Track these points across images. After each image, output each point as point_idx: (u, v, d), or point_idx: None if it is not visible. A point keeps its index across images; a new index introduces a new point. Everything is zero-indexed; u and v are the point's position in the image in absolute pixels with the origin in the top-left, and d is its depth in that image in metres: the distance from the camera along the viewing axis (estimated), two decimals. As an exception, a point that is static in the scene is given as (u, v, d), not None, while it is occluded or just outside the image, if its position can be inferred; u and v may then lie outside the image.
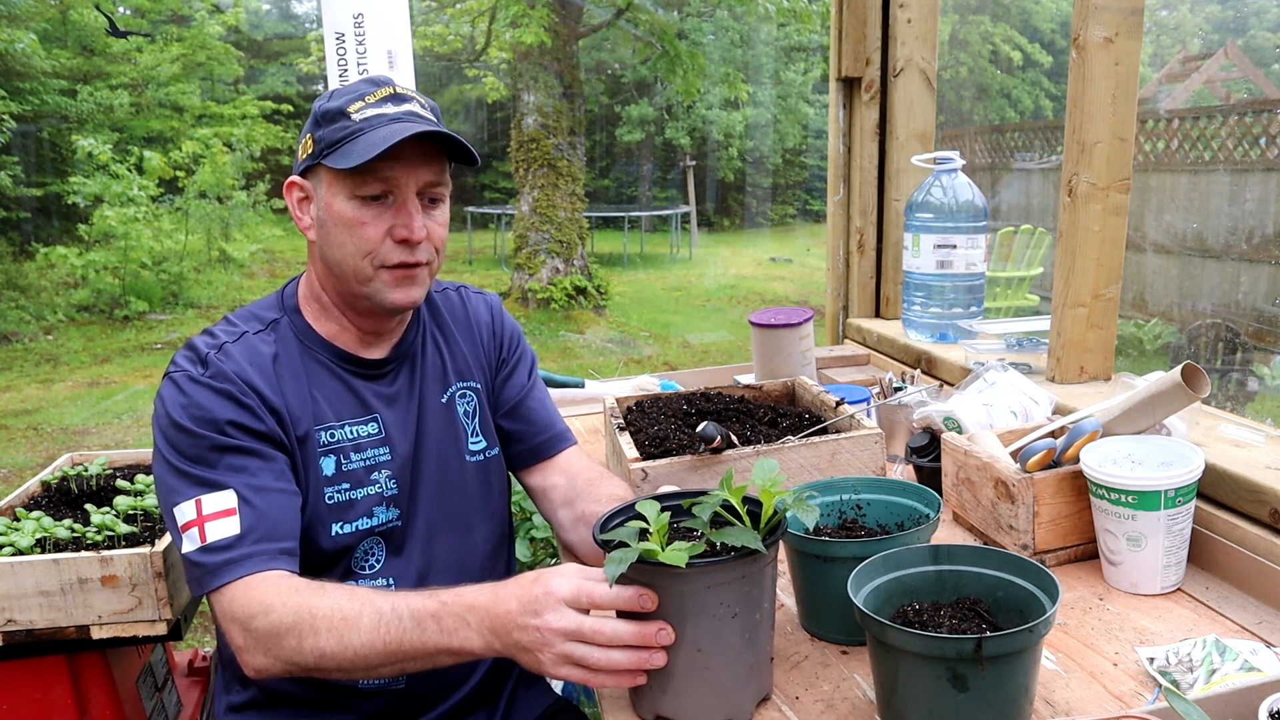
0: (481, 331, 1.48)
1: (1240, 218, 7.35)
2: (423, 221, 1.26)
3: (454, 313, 1.48)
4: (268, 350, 1.28)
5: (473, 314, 1.49)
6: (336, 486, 1.29)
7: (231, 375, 1.23)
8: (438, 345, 1.44)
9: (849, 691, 1.09)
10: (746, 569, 0.99)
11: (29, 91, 10.67)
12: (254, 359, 1.27)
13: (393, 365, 1.38)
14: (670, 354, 8.33)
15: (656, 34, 11.64)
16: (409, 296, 1.28)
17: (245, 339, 1.28)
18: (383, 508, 1.32)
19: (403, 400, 1.37)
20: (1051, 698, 1.05)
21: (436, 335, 1.44)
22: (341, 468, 1.30)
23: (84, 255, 9.36)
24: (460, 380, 1.43)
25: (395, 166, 1.22)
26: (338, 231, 1.25)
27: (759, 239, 16.63)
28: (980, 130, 14.53)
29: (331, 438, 1.30)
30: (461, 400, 1.43)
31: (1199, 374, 1.33)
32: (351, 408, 1.33)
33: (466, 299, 1.51)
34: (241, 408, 1.22)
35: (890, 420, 1.81)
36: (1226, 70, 10.59)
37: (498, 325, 1.50)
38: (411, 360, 1.40)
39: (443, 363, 1.43)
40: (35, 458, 5.75)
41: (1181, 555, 1.28)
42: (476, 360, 1.46)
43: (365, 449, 1.32)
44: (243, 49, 13.81)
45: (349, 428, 1.32)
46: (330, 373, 1.33)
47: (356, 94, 1.26)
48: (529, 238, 10.10)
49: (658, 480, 1.46)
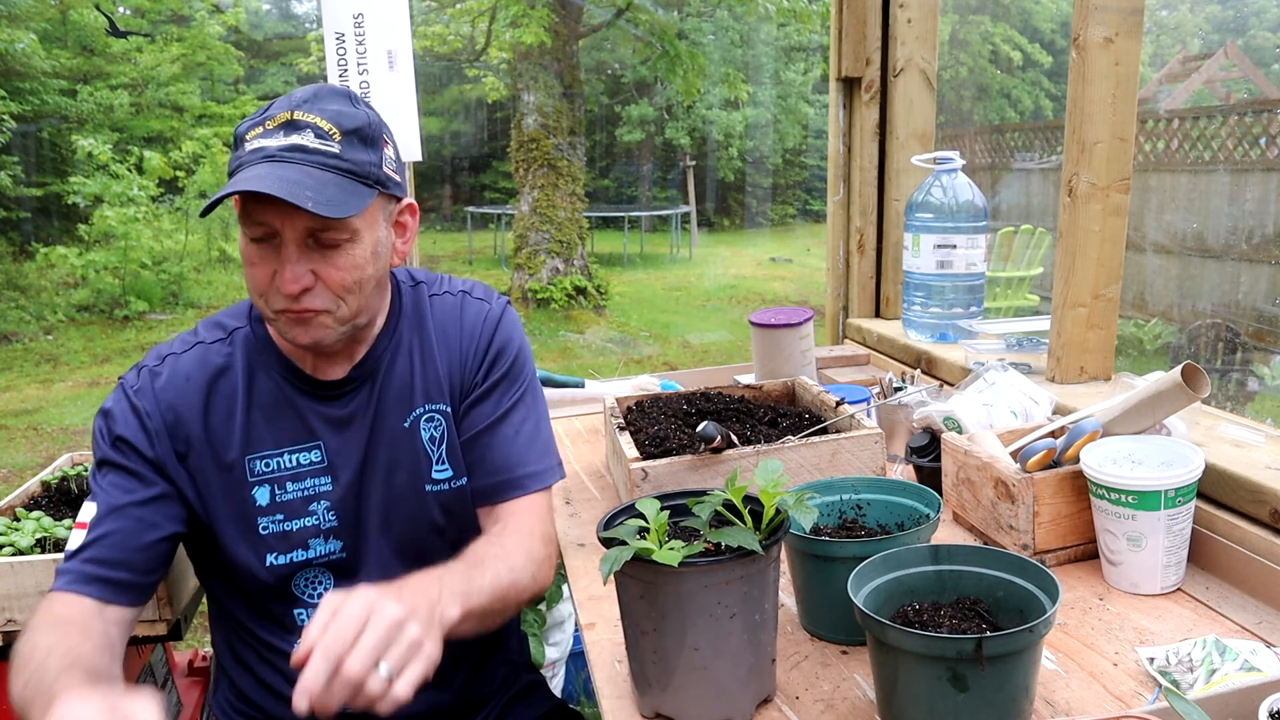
0: (468, 345, 1.34)
1: (1240, 218, 7.35)
2: (300, 273, 1.15)
3: (443, 321, 1.36)
4: (215, 362, 1.25)
5: (466, 324, 1.36)
6: (271, 517, 1.25)
7: (152, 395, 1.22)
8: (411, 360, 1.32)
9: (849, 691, 1.09)
10: (745, 569, 0.99)
11: (29, 91, 10.68)
12: (191, 377, 1.24)
13: (351, 386, 1.29)
14: (670, 354, 8.33)
15: (656, 34, 11.64)
16: (310, 337, 1.19)
17: (196, 351, 1.26)
18: (321, 540, 1.27)
19: (355, 424, 1.28)
20: (1051, 698, 1.05)
21: (413, 348, 1.33)
22: (276, 498, 1.25)
23: (84, 255, 9.37)
24: (429, 402, 1.32)
25: (267, 211, 1.13)
26: (243, 265, 1.21)
27: (759, 239, 16.63)
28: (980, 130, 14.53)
29: (266, 467, 1.25)
30: (427, 425, 1.31)
31: (1199, 374, 1.33)
32: (293, 433, 1.26)
33: (465, 306, 1.37)
34: (141, 429, 1.21)
35: (890, 420, 1.81)
36: (1226, 70, 10.59)
37: (484, 341, 1.35)
38: (374, 379, 1.30)
39: (412, 381, 1.31)
40: (35, 458, 5.75)
41: (1181, 555, 1.28)
42: (452, 378, 1.33)
43: (303, 478, 1.26)
44: (243, 49, 13.81)
45: (287, 455, 1.26)
46: (278, 391, 1.26)
47: (259, 118, 1.18)
48: (529, 238, 10.10)
49: (658, 480, 1.46)
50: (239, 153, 1.16)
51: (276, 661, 1.31)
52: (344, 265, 1.18)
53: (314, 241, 1.16)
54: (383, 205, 1.22)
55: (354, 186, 1.15)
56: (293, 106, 1.16)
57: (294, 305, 1.16)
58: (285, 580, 1.27)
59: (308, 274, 1.16)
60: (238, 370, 1.26)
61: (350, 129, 1.17)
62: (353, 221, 1.17)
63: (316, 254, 1.16)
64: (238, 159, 1.15)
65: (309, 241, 1.15)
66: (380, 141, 1.21)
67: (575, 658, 2.58)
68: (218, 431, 1.24)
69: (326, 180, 1.13)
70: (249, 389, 1.25)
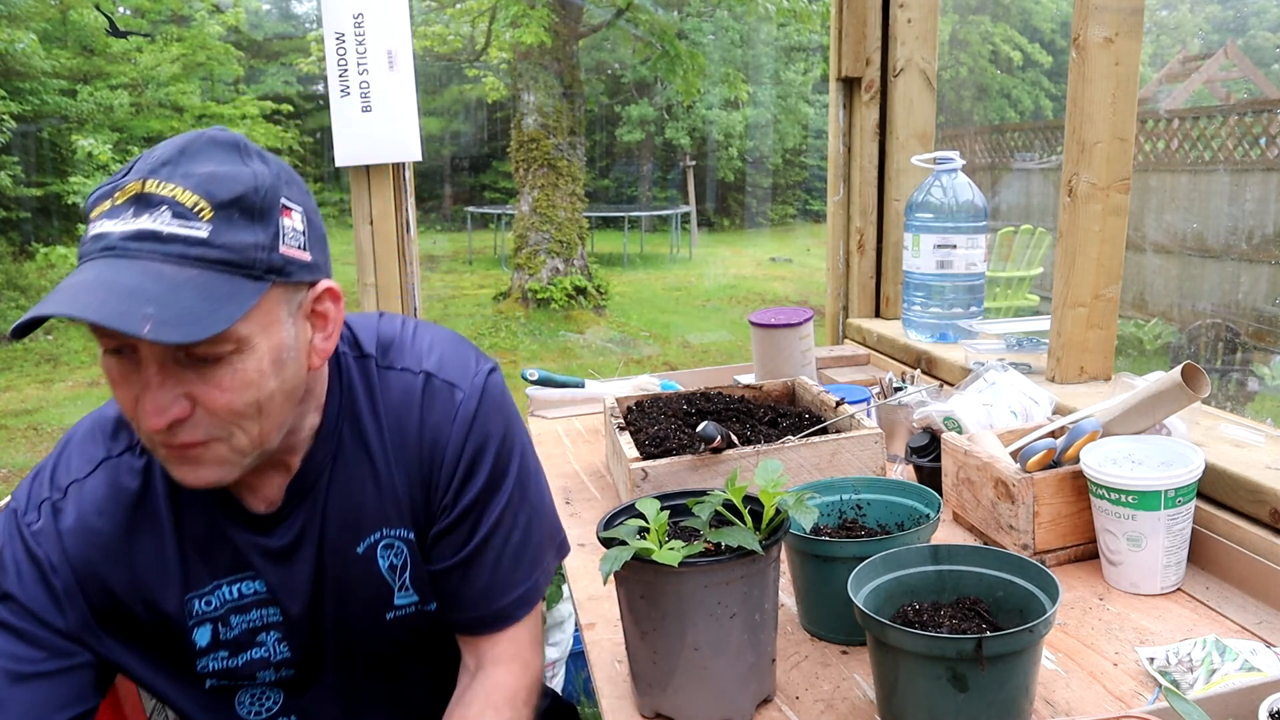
0: (433, 456, 1.06)
1: (1240, 218, 7.35)
2: (169, 397, 0.88)
3: (400, 416, 1.07)
4: (129, 488, 1.01)
5: (430, 426, 1.06)
6: (212, 655, 1.06)
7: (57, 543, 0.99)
8: (360, 471, 1.06)
9: (849, 691, 1.09)
10: (745, 569, 0.99)
11: (29, 91, 10.67)
12: (104, 511, 1.00)
13: (287, 511, 1.04)
14: (670, 354, 8.33)
15: (656, 34, 11.64)
16: (201, 479, 0.93)
17: (103, 473, 1.01)
18: (270, 671, 1.09)
19: (299, 555, 1.05)
20: (1051, 698, 1.05)
21: (363, 453, 1.06)
22: (219, 635, 1.05)
23: (84, 255, 9.36)
24: (386, 526, 1.07)
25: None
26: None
27: (759, 239, 16.63)
28: (980, 130, 14.54)
29: (207, 605, 1.04)
30: (385, 552, 1.08)
31: (1199, 374, 1.33)
32: (228, 562, 1.04)
33: (429, 397, 1.07)
34: (46, 591, 0.98)
35: (890, 420, 1.81)
36: (1226, 70, 10.59)
37: (456, 448, 1.06)
38: (314, 498, 1.05)
39: (363, 501, 1.06)
40: (35, 458, 5.75)
41: (1181, 555, 1.28)
42: (414, 498, 1.07)
43: (248, 609, 1.06)
44: (243, 49, 13.80)
45: (227, 588, 1.04)
46: (206, 513, 1.03)
47: (110, 186, 0.89)
48: (529, 238, 10.10)
49: (658, 480, 1.46)
50: (83, 238, 0.89)
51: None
52: (229, 385, 0.90)
53: (185, 356, 0.88)
54: (285, 297, 0.93)
55: (230, 284, 0.87)
56: (147, 172, 0.88)
57: (169, 439, 0.90)
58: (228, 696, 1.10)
59: (179, 401, 0.88)
60: (159, 495, 1.02)
61: (227, 199, 0.88)
62: (236, 329, 0.88)
63: (190, 372, 0.89)
64: (81, 247, 0.89)
65: (177, 357, 0.88)
66: (274, 210, 0.91)
67: (575, 658, 2.58)
68: (146, 576, 1.01)
69: (184, 282, 0.84)
70: (175, 517, 1.02)
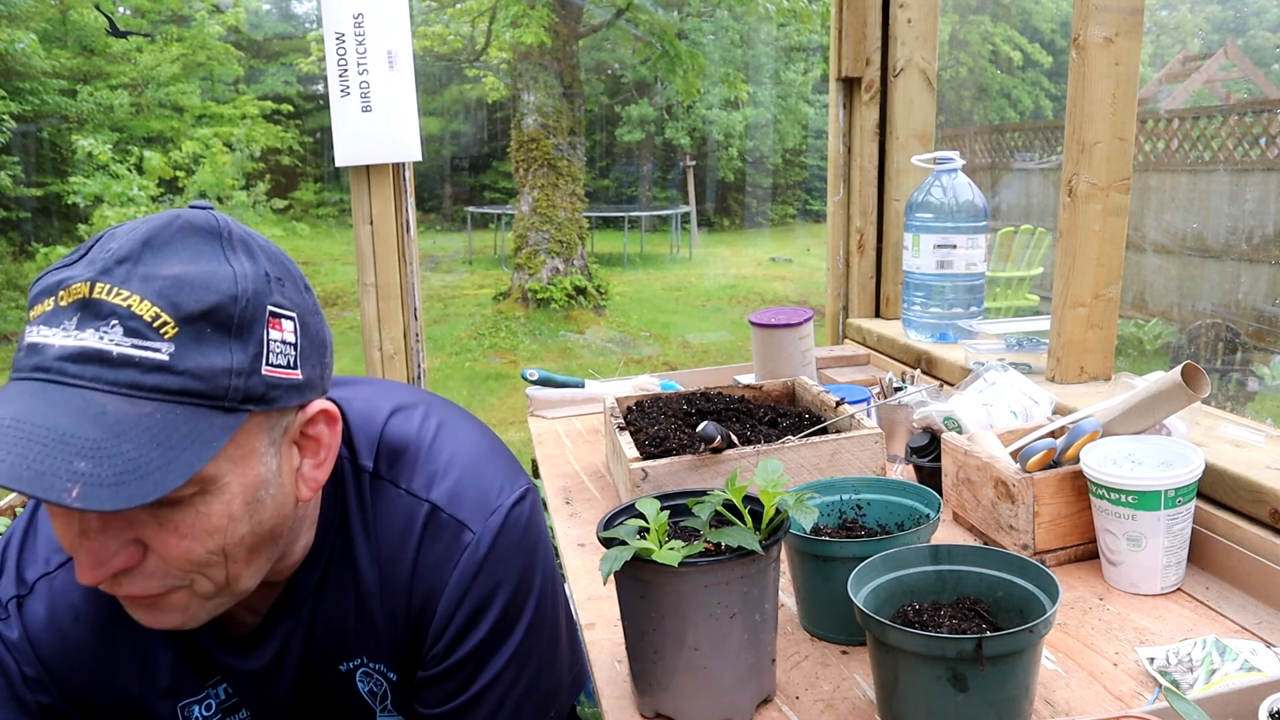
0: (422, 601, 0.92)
1: (1240, 218, 7.35)
2: (112, 545, 0.74)
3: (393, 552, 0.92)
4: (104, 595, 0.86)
5: (424, 569, 0.91)
6: None
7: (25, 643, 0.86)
8: (343, 602, 0.94)
9: (849, 691, 1.09)
10: (745, 569, 0.99)
11: (29, 91, 10.68)
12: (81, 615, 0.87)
13: (266, 631, 0.93)
14: (670, 354, 8.33)
15: (656, 34, 11.64)
16: (158, 622, 0.80)
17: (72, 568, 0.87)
18: None
19: (278, 676, 0.95)
20: (1051, 698, 1.05)
21: (346, 583, 0.93)
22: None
23: (84, 255, 9.37)
24: (365, 657, 0.96)
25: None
26: None
27: (759, 239, 16.63)
28: (980, 130, 14.54)
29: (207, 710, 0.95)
30: (364, 679, 0.97)
31: (1199, 374, 1.33)
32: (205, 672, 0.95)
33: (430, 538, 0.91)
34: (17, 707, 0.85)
35: (890, 420, 1.81)
36: (1226, 70, 10.59)
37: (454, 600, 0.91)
38: (297, 618, 0.94)
39: (343, 630, 0.95)
40: (35, 458, 5.74)
41: (1181, 555, 1.28)
42: (397, 640, 0.95)
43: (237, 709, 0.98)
44: (243, 49, 13.80)
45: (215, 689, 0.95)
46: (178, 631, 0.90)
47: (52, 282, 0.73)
48: (529, 238, 10.10)
49: (658, 480, 1.46)
50: (19, 343, 0.74)
51: None
52: (188, 531, 0.75)
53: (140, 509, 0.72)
54: (267, 425, 0.79)
55: (194, 421, 0.71)
56: (98, 271, 0.71)
57: (114, 589, 0.76)
58: None
59: (127, 548, 0.74)
60: None
61: (196, 312, 0.72)
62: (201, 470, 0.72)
63: (142, 513, 0.74)
64: (15, 355, 0.74)
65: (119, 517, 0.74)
66: (258, 323, 0.75)
67: (575, 658, 2.58)
68: (129, 680, 0.90)
69: (131, 425, 0.69)
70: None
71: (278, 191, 12.01)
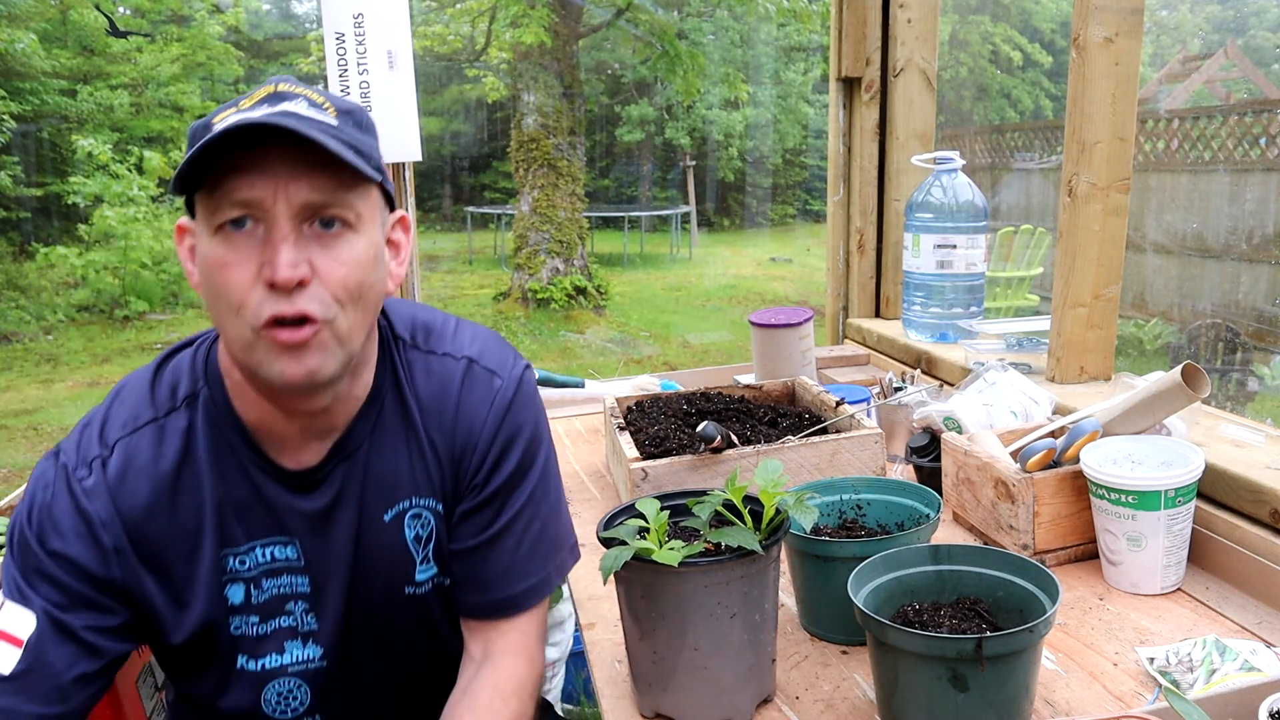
0: (468, 438, 1.10)
1: (1240, 218, 7.36)
2: (298, 256, 0.91)
3: (440, 397, 1.11)
4: (174, 449, 1.03)
5: (467, 409, 1.10)
6: (244, 618, 1.07)
7: (107, 498, 1.01)
8: (396, 443, 1.09)
9: (849, 691, 1.09)
10: (745, 569, 0.99)
11: (29, 91, 10.68)
12: (149, 472, 1.02)
13: (326, 472, 1.07)
14: (670, 354, 8.33)
15: (656, 34, 11.64)
16: (301, 368, 0.94)
17: (149, 433, 1.04)
18: (299, 644, 1.10)
19: (336, 520, 1.08)
20: (1051, 698, 1.05)
21: (401, 427, 1.10)
22: (251, 598, 1.07)
23: (84, 255, 9.37)
24: (416, 496, 1.10)
25: (255, 181, 0.90)
26: (207, 281, 0.95)
27: (759, 239, 16.63)
28: (980, 130, 14.54)
29: (241, 564, 1.06)
30: (413, 522, 1.11)
31: (1199, 374, 1.33)
32: (264, 524, 1.06)
33: (469, 381, 1.11)
34: (94, 545, 1.00)
35: (890, 420, 1.81)
36: (1226, 70, 10.60)
37: (491, 431, 1.10)
38: (353, 463, 1.08)
39: (397, 469, 1.09)
40: (35, 458, 5.75)
41: (1181, 555, 1.28)
42: (444, 474, 1.11)
43: (280, 573, 1.08)
44: (243, 49, 13.80)
45: (260, 550, 1.07)
46: (246, 477, 1.05)
47: (231, 102, 0.96)
48: (529, 238, 10.11)
49: (658, 480, 1.46)
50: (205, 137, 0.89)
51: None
52: (346, 259, 0.94)
53: (309, 226, 0.93)
54: (380, 206, 1.01)
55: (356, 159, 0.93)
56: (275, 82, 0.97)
57: (285, 308, 0.91)
58: (255, 689, 1.10)
59: (304, 264, 0.92)
60: (200, 456, 1.04)
61: (344, 109, 0.98)
62: (357, 203, 0.95)
63: (312, 243, 0.93)
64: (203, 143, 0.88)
65: (303, 226, 0.93)
66: (374, 133, 1.02)
67: (575, 658, 2.58)
68: (186, 534, 1.04)
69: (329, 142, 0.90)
70: (216, 474, 1.04)
71: (278, 191, 11.98)
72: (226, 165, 0.90)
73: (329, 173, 0.92)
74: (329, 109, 0.96)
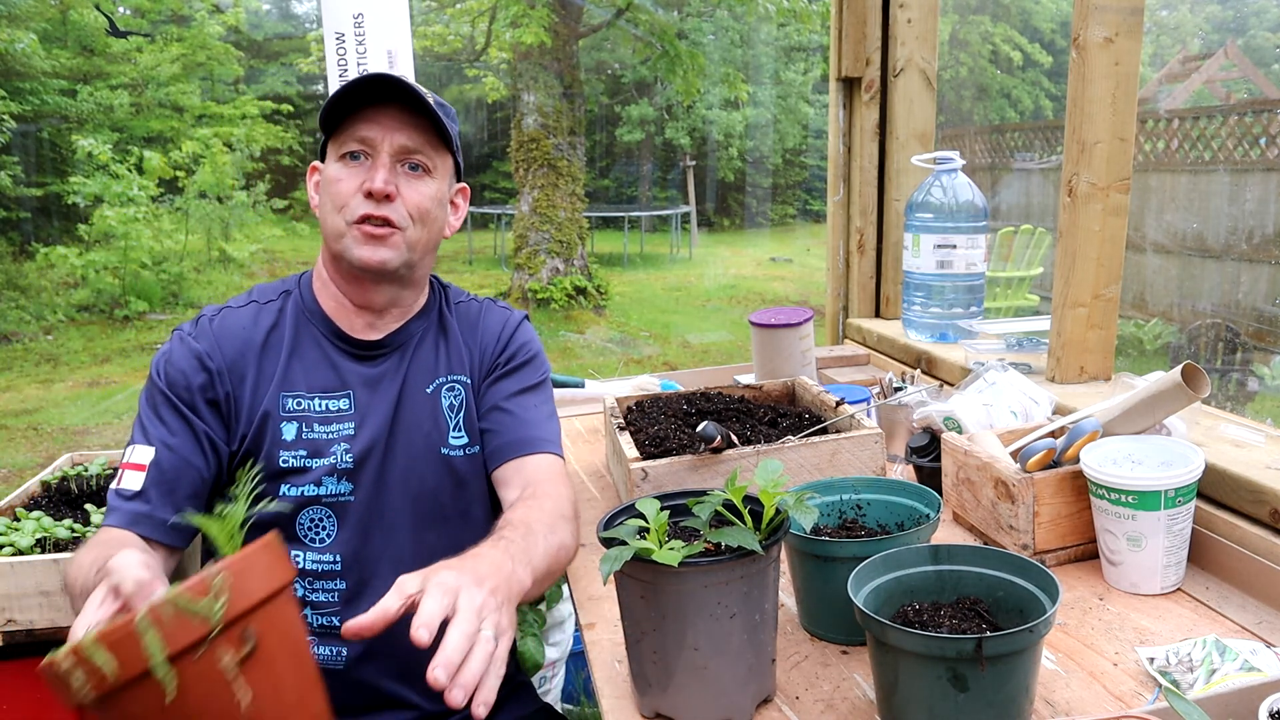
0: (486, 338, 1.48)
1: (1240, 218, 7.35)
2: (390, 179, 1.30)
3: (465, 319, 1.49)
4: (267, 321, 1.38)
5: (487, 324, 1.49)
6: (294, 451, 1.34)
7: (211, 338, 1.34)
8: (437, 340, 1.45)
9: (849, 691, 1.09)
10: (745, 569, 0.99)
11: (29, 91, 10.67)
12: (247, 327, 1.37)
13: (384, 350, 1.40)
14: (670, 354, 8.33)
15: (656, 34, 11.64)
16: (376, 255, 1.31)
17: (250, 309, 1.39)
18: (333, 479, 1.34)
19: (385, 384, 1.39)
20: (1051, 698, 1.05)
21: (438, 333, 1.46)
22: (302, 435, 1.34)
23: (84, 255, 9.36)
24: (450, 373, 1.44)
25: (371, 126, 1.29)
26: (323, 193, 1.34)
27: (759, 239, 16.63)
28: (980, 130, 14.53)
29: (298, 405, 1.35)
30: (448, 393, 1.43)
31: (1199, 374, 1.33)
32: (326, 381, 1.37)
33: (485, 310, 1.51)
34: (203, 369, 1.32)
35: (890, 420, 1.81)
36: (1226, 70, 10.59)
37: (506, 335, 1.49)
38: (404, 349, 1.42)
39: (437, 355, 1.44)
40: (35, 458, 5.75)
41: (1181, 555, 1.28)
42: (473, 359, 1.46)
43: (330, 422, 1.35)
44: (243, 49, 13.80)
45: (319, 400, 1.36)
46: (318, 346, 1.38)
47: (345, 84, 1.31)
48: (529, 238, 10.11)
49: (658, 480, 1.46)
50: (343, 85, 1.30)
51: None
52: (423, 191, 1.33)
53: (401, 166, 1.32)
54: (450, 175, 1.39)
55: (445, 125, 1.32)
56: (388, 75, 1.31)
57: (375, 210, 1.29)
58: (290, 515, 1.34)
59: (394, 185, 1.30)
60: (286, 326, 1.38)
61: (438, 101, 1.33)
62: (434, 157, 1.34)
63: (401, 175, 1.32)
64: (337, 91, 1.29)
65: (397, 165, 1.31)
66: (456, 122, 1.39)
67: (575, 658, 2.58)
68: (265, 375, 1.35)
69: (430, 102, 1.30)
70: (294, 341, 1.38)
71: (278, 191, 12.00)
72: (353, 115, 1.30)
73: (421, 130, 1.32)
74: (426, 95, 1.31)
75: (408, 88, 1.29)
